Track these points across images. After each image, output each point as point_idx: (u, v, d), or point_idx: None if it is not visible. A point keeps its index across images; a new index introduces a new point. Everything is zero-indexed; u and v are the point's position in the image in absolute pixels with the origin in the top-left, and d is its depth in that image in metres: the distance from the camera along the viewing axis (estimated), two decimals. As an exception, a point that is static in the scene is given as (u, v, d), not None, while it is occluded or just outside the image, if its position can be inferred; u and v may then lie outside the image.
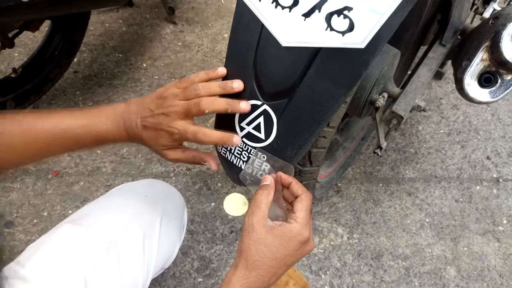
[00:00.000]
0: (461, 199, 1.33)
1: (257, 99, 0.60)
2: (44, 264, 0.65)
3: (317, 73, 0.56)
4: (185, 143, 0.64)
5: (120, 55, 1.70)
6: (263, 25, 0.57)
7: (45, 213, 1.22)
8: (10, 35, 1.24)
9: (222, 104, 0.59)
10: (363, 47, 0.51)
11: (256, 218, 0.56)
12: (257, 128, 0.62)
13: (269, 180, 0.60)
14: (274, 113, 0.60)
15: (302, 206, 0.58)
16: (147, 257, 0.73)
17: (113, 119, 0.60)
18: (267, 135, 0.61)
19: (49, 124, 0.58)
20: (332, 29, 0.52)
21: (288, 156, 0.62)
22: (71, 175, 1.31)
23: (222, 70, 0.63)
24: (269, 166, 0.63)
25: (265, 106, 0.60)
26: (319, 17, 0.53)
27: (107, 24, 1.83)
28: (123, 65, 1.66)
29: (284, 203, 0.62)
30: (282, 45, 0.56)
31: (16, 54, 1.64)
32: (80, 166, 1.33)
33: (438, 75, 1.63)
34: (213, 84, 0.60)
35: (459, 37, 1.18)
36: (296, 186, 0.60)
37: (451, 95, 1.63)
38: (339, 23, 0.52)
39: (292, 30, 0.55)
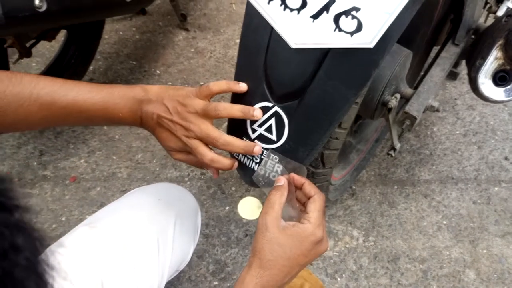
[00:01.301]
0: (479, 201, 1.31)
1: (268, 101, 0.61)
2: (62, 266, 0.66)
3: (327, 74, 0.57)
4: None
5: (134, 62, 1.73)
6: (272, 28, 0.58)
7: (63, 218, 1.24)
8: (27, 45, 1.27)
9: (239, 150, 0.61)
10: (371, 47, 0.51)
11: (270, 218, 0.56)
12: (269, 129, 0.62)
13: (282, 181, 0.61)
14: (285, 114, 0.60)
15: (315, 207, 0.58)
16: (161, 259, 0.74)
17: (131, 107, 0.61)
18: (279, 137, 0.62)
19: (67, 100, 0.59)
20: (340, 29, 0.53)
21: (300, 157, 0.62)
22: (87, 180, 1.33)
23: (243, 87, 0.63)
24: (281, 167, 0.63)
25: (276, 108, 0.61)
26: (327, 18, 0.53)
27: (121, 32, 1.86)
28: (137, 72, 1.69)
29: (297, 204, 0.63)
30: (292, 47, 0.56)
31: (34, 64, 1.68)
32: (97, 171, 1.36)
33: (453, 76, 1.61)
34: (235, 108, 0.60)
35: (472, 36, 1.17)
36: (309, 187, 0.61)
37: (466, 95, 1.60)
38: (347, 23, 0.52)
39: (301, 32, 0.55)
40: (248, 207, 1.03)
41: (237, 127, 0.65)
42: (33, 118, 0.58)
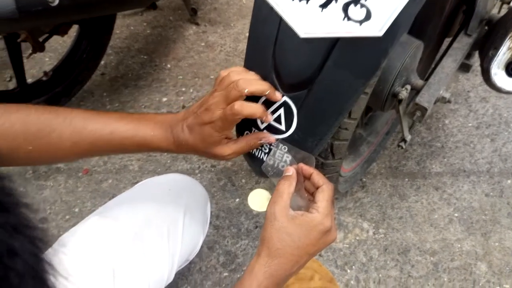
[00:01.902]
0: (491, 194, 1.30)
1: (277, 91, 0.61)
2: (74, 254, 0.68)
3: (336, 63, 0.57)
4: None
5: (145, 57, 1.75)
6: (281, 18, 0.58)
7: (77, 210, 1.27)
8: (40, 39, 1.29)
9: (261, 85, 0.57)
10: (380, 35, 0.51)
11: (278, 208, 0.56)
12: (278, 119, 0.62)
13: (291, 171, 0.61)
14: (294, 104, 0.61)
15: (323, 196, 0.58)
16: (171, 248, 0.75)
17: (161, 126, 0.61)
18: (288, 127, 0.62)
19: (97, 126, 0.60)
20: (349, 18, 0.53)
21: (309, 147, 0.63)
22: (100, 173, 1.35)
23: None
24: (290, 157, 0.63)
25: (285, 98, 0.61)
26: (336, 7, 0.53)
27: (132, 27, 1.88)
28: (148, 66, 1.70)
29: (306, 193, 0.63)
30: (300, 37, 0.56)
31: (47, 59, 1.70)
32: (108, 164, 1.37)
33: (465, 68, 1.59)
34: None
35: (485, 27, 1.15)
36: (317, 177, 0.61)
37: (479, 87, 1.58)
38: (356, 12, 0.52)
39: (310, 22, 0.55)
40: (258, 199, 1.03)
41: (246, 118, 0.65)
42: (64, 144, 0.59)
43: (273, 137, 0.63)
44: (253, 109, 0.57)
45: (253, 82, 0.57)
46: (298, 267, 0.57)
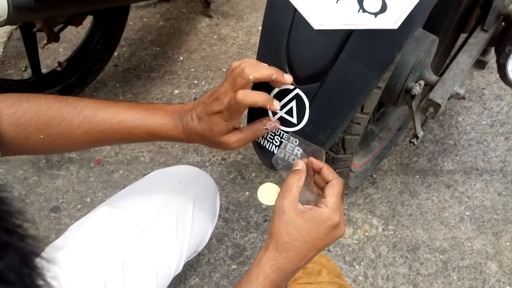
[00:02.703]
0: (504, 193, 1.28)
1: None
2: (84, 244, 0.68)
3: (350, 56, 0.56)
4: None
5: (158, 49, 1.75)
6: (295, 9, 0.57)
7: (88, 199, 1.28)
8: (55, 29, 1.30)
9: (267, 70, 0.56)
10: (396, 27, 0.51)
11: (287, 202, 0.56)
12: (290, 112, 0.62)
13: (300, 165, 0.60)
14: (307, 97, 0.60)
15: (332, 191, 0.58)
16: (180, 239, 0.75)
17: (171, 115, 0.61)
18: (299, 120, 0.62)
19: (107, 115, 0.60)
20: (364, 10, 0.52)
21: (320, 141, 0.62)
22: (111, 163, 1.36)
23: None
24: (301, 150, 0.63)
25: (298, 90, 0.60)
26: (351, -1, 0.52)
27: (145, 19, 1.88)
28: (160, 58, 1.71)
29: (315, 188, 0.63)
30: (315, 29, 0.56)
31: (61, 50, 1.72)
32: (120, 155, 1.39)
33: (481, 65, 1.56)
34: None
35: (503, 23, 1.13)
36: (327, 171, 0.60)
37: (494, 85, 1.56)
38: (371, 4, 0.51)
39: (325, 13, 0.55)
40: (268, 193, 1.03)
41: (257, 110, 0.65)
42: (74, 133, 0.60)
43: (279, 122, 0.62)
44: (256, 97, 0.55)
45: (258, 68, 0.56)
46: (305, 261, 0.57)
